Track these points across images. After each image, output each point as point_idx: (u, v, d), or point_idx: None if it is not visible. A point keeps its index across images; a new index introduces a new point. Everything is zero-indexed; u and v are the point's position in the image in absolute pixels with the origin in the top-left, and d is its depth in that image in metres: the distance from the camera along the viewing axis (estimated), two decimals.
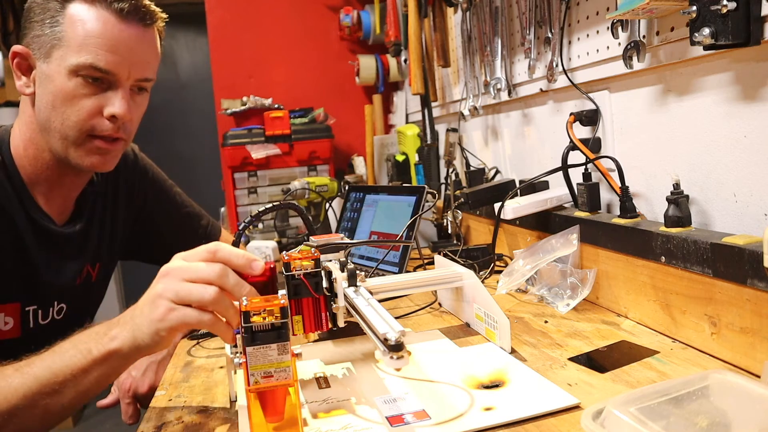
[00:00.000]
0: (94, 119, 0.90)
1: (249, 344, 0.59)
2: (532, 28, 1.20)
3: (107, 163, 0.96)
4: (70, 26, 0.87)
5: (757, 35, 0.70)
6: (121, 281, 3.74)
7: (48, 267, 0.98)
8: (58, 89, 0.88)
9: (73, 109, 0.89)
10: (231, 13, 2.32)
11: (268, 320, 0.59)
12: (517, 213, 1.12)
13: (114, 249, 1.13)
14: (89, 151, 0.92)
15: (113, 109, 0.90)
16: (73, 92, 0.88)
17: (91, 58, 0.87)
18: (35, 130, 0.93)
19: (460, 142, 1.61)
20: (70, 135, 0.90)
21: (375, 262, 1.28)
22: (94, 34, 0.87)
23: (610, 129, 1.05)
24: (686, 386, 0.57)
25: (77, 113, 0.89)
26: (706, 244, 0.73)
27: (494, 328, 0.85)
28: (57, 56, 0.88)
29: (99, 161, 0.94)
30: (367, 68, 2.30)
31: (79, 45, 0.87)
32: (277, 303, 0.60)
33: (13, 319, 0.94)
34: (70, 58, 0.87)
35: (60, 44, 0.88)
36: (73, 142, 0.91)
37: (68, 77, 0.88)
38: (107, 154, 0.94)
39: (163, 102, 3.75)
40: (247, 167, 2.14)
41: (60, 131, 0.90)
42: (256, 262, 0.68)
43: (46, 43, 0.89)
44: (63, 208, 1.02)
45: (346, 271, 0.80)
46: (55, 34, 0.88)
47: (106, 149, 0.93)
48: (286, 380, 0.59)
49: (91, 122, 0.90)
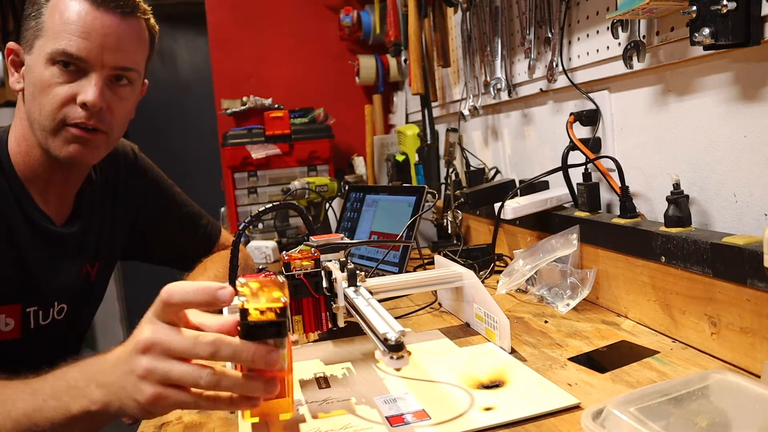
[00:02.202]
0: (67, 107, 0.90)
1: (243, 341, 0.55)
2: (532, 28, 1.20)
3: (86, 155, 0.93)
4: (49, 16, 0.89)
5: (757, 35, 0.70)
6: (121, 281, 3.74)
7: (47, 267, 0.98)
8: (36, 79, 0.89)
9: (48, 98, 0.89)
10: (231, 13, 2.32)
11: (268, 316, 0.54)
12: (517, 213, 1.12)
13: (113, 248, 1.13)
14: (65, 140, 0.91)
15: (84, 96, 0.89)
16: (49, 81, 0.88)
17: (63, 44, 0.87)
18: (26, 126, 0.94)
19: (460, 142, 1.61)
20: (46, 124, 0.90)
21: (375, 262, 1.28)
22: (68, 21, 0.88)
23: (610, 129, 1.05)
24: (686, 386, 0.57)
25: (51, 102, 0.89)
26: (706, 244, 0.73)
27: (494, 328, 0.85)
28: (37, 46, 0.89)
29: (77, 151, 0.92)
30: (367, 68, 2.30)
31: (54, 33, 0.88)
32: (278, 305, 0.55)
33: (14, 320, 0.94)
34: (46, 46, 0.88)
35: (40, 34, 0.89)
36: (50, 131, 0.90)
37: (45, 66, 0.88)
38: (86, 144, 0.92)
39: (163, 102, 3.75)
40: (247, 167, 2.14)
41: (38, 121, 0.90)
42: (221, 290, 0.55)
43: (30, 36, 0.90)
44: (61, 207, 1.01)
45: (346, 271, 0.80)
46: (38, 25, 0.89)
47: (83, 138, 0.91)
48: (281, 371, 0.56)
49: (64, 110, 0.89)
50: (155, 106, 3.59)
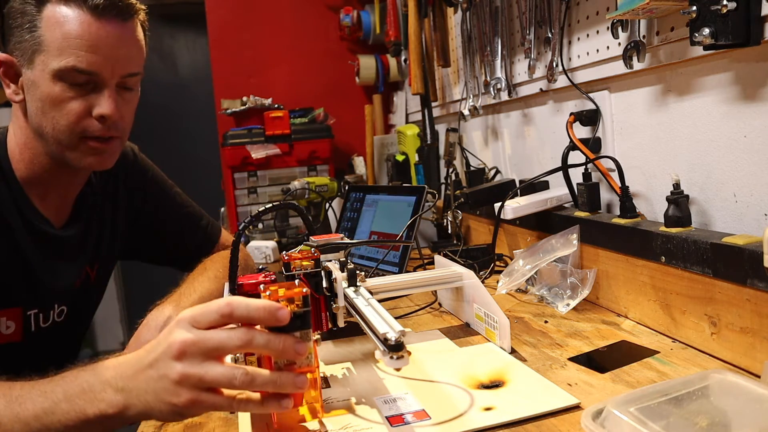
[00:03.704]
0: (84, 121, 0.90)
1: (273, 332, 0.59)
2: (532, 28, 1.20)
3: (105, 162, 0.96)
4: (48, 30, 0.86)
5: (757, 35, 0.70)
6: (121, 281, 3.74)
7: (47, 270, 0.98)
8: (45, 95, 0.88)
9: (62, 113, 0.88)
10: (231, 13, 2.32)
11: (291, 308, 0.59)
12: (517, 213, 1.12)
13: (113, 249, 1.13)
14: (85, 152, 0.92)
15: (101, 110, 0.89)
16: (60, 96, 0.88)
17: (72, 60, 0.86)
18: (30, 136, 0.93)
19: (460, 142, 1.60)
20: (63, 139, 0.90)
21: (375, 262, 1.28)
22: (72, 36, 0.86)
23: (610, 129, 1.05)
24: (686, 386, 0.57)
25: (66, 117, 0.89)
26: (706, 244, 0.73)
27: (494, 328, 0.85)
28: (39, 61, 0.87)
29: (96, 161, 0.94)
30: (367, 68, 2.30)
31: (58, 48, 0.86)
32: (299, 291, 0.60)
33: (15, 323, 0.94)
34: (51, 62, 0.86)
35: (40, 49, 0.87)
36: (68, 145, 0.91)
37: (53, 82, 0.87)
38: (103, 153, 0.94)
39: (163, 102, 3.74)
40: (247, 167, 2.14)
41: (53, 136, 0.90)
42: (281, 311, 0.57)
43: (27, 49, 0.88)
44: (60, 210, 1.01)
45: (346, 271, 0.80)
46: (35, 39, 0.87)
47: (102, 149, 0.93)
48: (308, 366, 0.60)
49: (82, 124, 0.90)
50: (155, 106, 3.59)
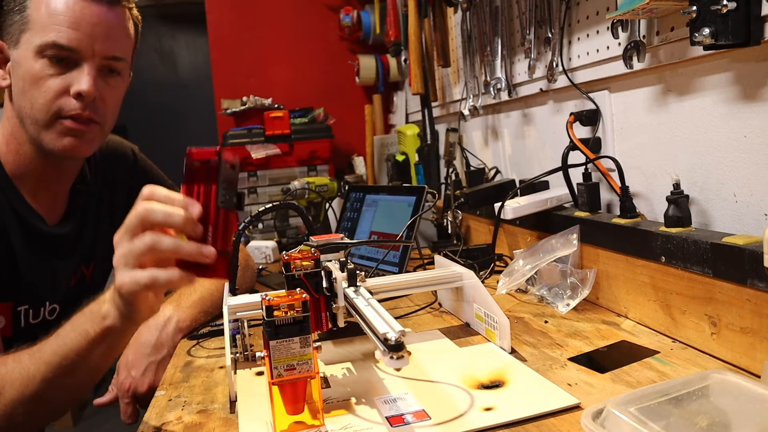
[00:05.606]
0: (61, 99, 0.89)
1: (272, 338, 0.60)
2: (532, 28, 1.20)
3: (82, 147, 0.94)
4: (35, 9, 0.88)
5: (757, 35, 0.70)
6: None
7: (37, 267, 0.97)
8: (26, 73, 0.88)
9: (40, 90, 0.88)
10: (231, 13, 2.32)
11: (290, 314, 0.60)
12: (517, 213, 1.12)
13: (110, 249, 1.12)
14: (60, 133, 0.91)
15: (78, 86, 0.88)
16: (40, 73, 0.88)
17: (53, 35, 0.86)
18: (15, 124, 0.93)
19: (460, 142, 1.60)
20: (39, 118, 0.89)
21: (375, 262, 1.28)
22: (56, 13, 0.87)
23: (610, 129, 1.05)
24: (686, 386, 0.57)
25: (44, 95, 0.88)
26: (706, 244, 0.73)
27: (494, 328, 0.85)
28: (24, 40, 0.88)
29: (72, 143, 0.92)
30: (367, 68, 2.30)
31: (42, 25, 0.87)
32: (299, 297, 0.61)
33: (5, 318, 0.94)
34: (34, 39, 0.87)
35: (26, 28, 0.88)
36: (44, 125, 0.90)
37: (35, 59, 0.87)
38: (81, 136, 0.92)
39: (163, 102, 3.75)
40: (247, 167, 2.14)
41: (30, 116, 0.90)
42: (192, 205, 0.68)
43: (16, 31, 0.89)
44: (53, 206, 1.01)
45: (346, 271, 0.80)
46: (23, 19, 0.88)
47: (78, 130, 0.91)
48: (308, 372, 0.61)
49: (58, 102, 0.89)
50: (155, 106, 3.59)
